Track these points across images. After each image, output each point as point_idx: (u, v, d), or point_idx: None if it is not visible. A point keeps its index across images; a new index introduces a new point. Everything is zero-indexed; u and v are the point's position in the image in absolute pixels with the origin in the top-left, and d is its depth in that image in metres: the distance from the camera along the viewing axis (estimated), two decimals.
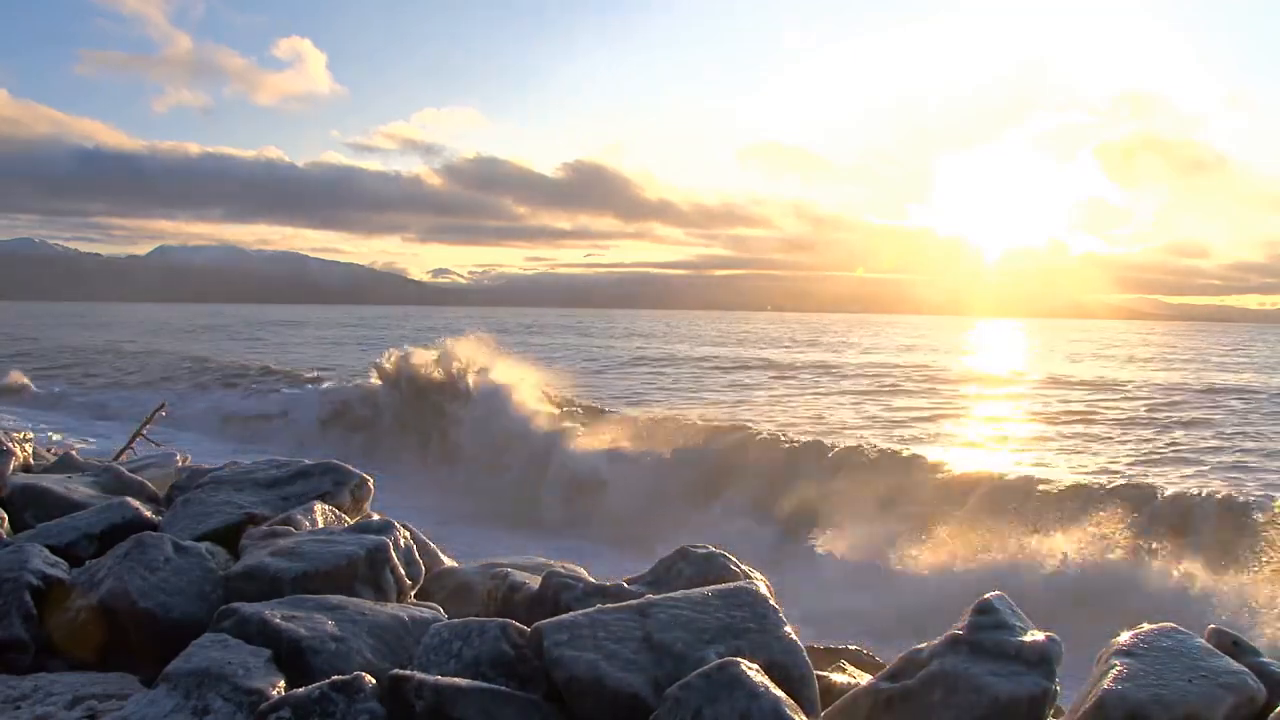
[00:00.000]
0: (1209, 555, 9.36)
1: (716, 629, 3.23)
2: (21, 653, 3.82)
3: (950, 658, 3.16)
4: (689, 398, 25.39)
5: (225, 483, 5.38)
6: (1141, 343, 50.29)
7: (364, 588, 4.09)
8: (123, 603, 3.89)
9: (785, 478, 12.76)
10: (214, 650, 3.22)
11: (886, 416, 21.89)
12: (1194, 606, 8.53)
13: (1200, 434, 18.66)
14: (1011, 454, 17.18)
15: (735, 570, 4.31)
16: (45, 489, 5.57)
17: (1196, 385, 29.05)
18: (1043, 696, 3.01)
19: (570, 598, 3.96)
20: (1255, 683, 3.05)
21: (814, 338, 66.23)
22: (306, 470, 5.48)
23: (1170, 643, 3.18)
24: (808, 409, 23.03)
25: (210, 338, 53.66)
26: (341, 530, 4.65)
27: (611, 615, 3.27)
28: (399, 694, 2.93)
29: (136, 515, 4.98)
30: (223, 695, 3.00)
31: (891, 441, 15.98)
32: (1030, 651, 3.13)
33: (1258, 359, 46.51)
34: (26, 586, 3.99)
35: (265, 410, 21.93)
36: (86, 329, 55.96)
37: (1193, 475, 14.82)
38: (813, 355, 43.69)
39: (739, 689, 2.74)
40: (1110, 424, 20.81)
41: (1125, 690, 2.93)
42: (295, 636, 3.35)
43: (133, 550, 4.13)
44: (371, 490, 5.60)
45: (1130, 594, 8.57)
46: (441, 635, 3.30)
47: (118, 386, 26.13)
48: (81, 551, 4.66)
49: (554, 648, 3.09)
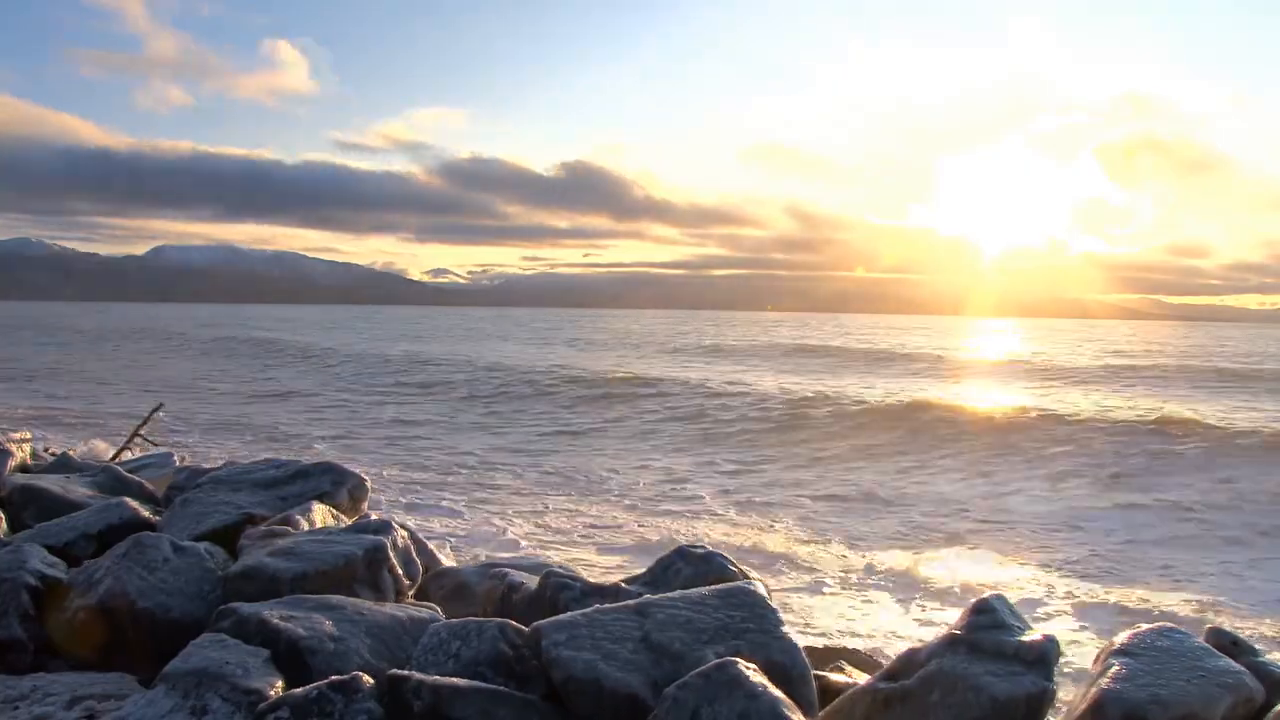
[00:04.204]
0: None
1: (715, 629, 3.23)
2: (20, 653, 3.82)
3: (948, 658, 3.16)
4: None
5: (223, 483, 5.38)
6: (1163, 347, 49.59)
7: (362, 588, 4.09)
8: (121, 603, 3.89)
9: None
10: (212, 650, 3.22)
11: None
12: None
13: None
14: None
15: (733, 570, 4.32)
16: (43, 489, 5.58)
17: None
18: (1041, 696, 3.01)
19: (568, 598, 3.96)
20: (1253, 682, 3.05)
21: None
22: (305, 470, 5.48)
23: (1168, 642, 3.18)
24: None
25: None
26: (340, 530, 4.65)
27: (610, 615, 3.26)
28: (397, 694, 2.93)
29: (135, 515, 4.98)
30: (221, 695, 3.00)
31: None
32: (1028, 651, 3.12)
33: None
34: (25, 587, 3.99)
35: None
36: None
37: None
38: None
39: (737, 689, 2.74)
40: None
41: (1123, 690, 2.93)
42: (294, 636, 3.35)
43: (131, 550, 4.12)
44: (369, 490, 5.61)
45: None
46: (440, 635, 3.30)
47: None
48: (80, 552, 4.66)
49: (552, 648, 3.08)
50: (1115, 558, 9.06)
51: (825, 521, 10.44)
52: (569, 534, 9.34)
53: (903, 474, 13.79)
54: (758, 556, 8.45)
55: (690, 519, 10.35)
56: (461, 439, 16.96)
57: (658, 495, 11.80)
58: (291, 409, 21.34)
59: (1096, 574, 8.35)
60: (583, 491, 11.90)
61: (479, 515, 10.00)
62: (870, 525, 10.31)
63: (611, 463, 14.52)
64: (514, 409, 21.36)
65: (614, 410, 20.45)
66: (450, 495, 11.06)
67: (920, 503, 11.73)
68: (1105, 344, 53.15)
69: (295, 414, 20.32)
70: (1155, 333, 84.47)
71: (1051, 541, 9.74)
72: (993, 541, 9.71)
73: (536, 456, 15.05)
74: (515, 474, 13.14)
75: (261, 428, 17.80)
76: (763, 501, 11.57)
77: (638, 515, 10.45)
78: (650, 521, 10.12)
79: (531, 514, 10.15)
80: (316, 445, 15.57)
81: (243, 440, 16.00)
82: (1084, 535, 10.05)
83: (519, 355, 38.44)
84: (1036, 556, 9.02)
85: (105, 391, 24.58)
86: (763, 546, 8.92)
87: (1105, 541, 9.75)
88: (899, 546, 9.24)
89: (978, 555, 9.06)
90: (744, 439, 16.71)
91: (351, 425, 18.59)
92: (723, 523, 10.14)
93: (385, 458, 14.37)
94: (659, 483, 12.76)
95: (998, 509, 11.45)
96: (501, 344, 49.59)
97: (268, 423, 18.58)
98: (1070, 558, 8.99)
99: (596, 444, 16.58)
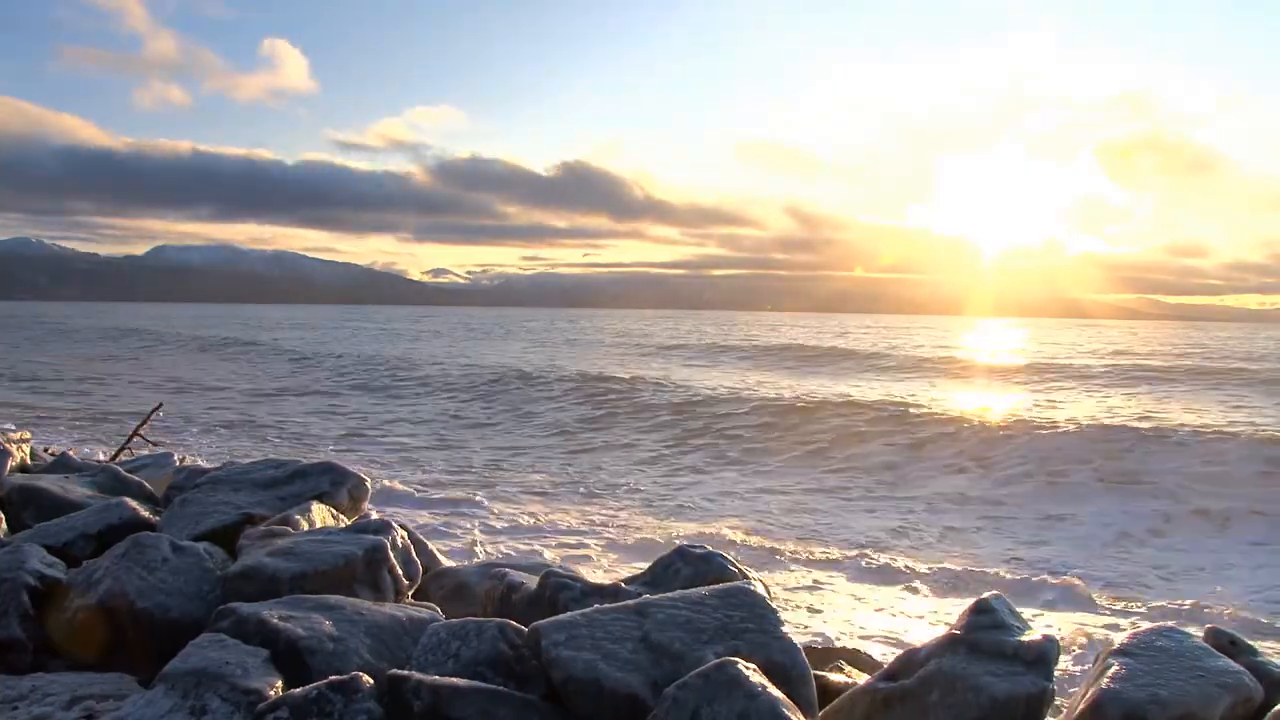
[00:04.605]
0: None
1: (714, 629, 3.23)
2: (19, 653, 3.82)
3: (948, 658, 3.16)
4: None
5: (223, 483, 5.39)
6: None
7: (362, 588, 4.09)
8: (120, 603, 3.89)
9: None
10: (212, 650, 3.22)
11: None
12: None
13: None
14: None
15: (733, 570, 4.32)
16: (43, 489, 5.58)
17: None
18: (1040, 696, 3.01)
19: (568, 598, 3.96)
20: (1252, 682, 3.05)
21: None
22: (304, 470, 5.49)
23: (1167, 642, 3.19)
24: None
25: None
26: (339, 530, 4.65)
27: (609, 615, 3.26)
28: (397, 694, 2.93)
29: (134, 515, 4.98)
30: (220, 695, 3.00)
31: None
32: (1028, 651, 3.13)
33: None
34: (24, 587, 3.99)
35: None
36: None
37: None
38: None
39: (737, 689, 2.74)
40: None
41: (1122, 690, 2.93)
42: (293, 636, 3.35)
43: (130, 550, 4.13)
44: (369, 490, 5.62)
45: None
46: (439, 635, 3.30)
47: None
48: (79, 552, 4.66)
49: (552, 648, 3.09)
50: (1115, 557, 9.07)
51: (825, 521, 10.45)
52: (569, 534, 9.33)
53: (902, 474, 13.79)
54: (757, 556, 8.46)
55: (690, 519, 10.36)
56: (461, 439, 16.96)
57: (658, 495, 11.80)
58: (292, 409, 21.34)
59: (1096, 573, 8.35)
60: (583, 491, 11.91)
61: (479, 515, 10.00)
62: (870, 524, 10.32)
63: (611, 463, 14.53)
64: (514, 409, 21.36)
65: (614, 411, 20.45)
66: (450, 495, 11.05)
67: (920, 502, 11.74)
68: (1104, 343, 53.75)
69: (295, 414, 20.31)
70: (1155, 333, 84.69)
71: (1051, 541, 9.75)
72: (993, 541, 9.72)
73: (536, 457, 15.06)
74: (515, 474, 13.14)
75: (261, 428, 17.79)
76: (762, 501, 11.57)
77: (638, 515, 10.45)
78: (650, 522, 10.12)
79: (531, 514, 10.15)
80: (316, 445, 15.57)
81: (242, 440, 16.00)
82: (1084, 535, 10.06)
83: (519, 356, 38.44)
84: (1036, 556, 9.03)
85: (105, 391, 24.57)
86: (762, 546, 8.92)
87: (1105, 541, 9.76)
88: (899, 546, 9.25)
89: (978, 555, 9.06)
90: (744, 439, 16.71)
91: (351, 425, 18.58)
92: (722, 523, 10.14)
93: (384, 457, 14.37)
94: (659, 483, 12.77)
95: (997, 509, 11.46)
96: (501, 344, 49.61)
97: (268, 423, 18.58)
98: (1070, 557, 9.00)
99: (597, 444, 16.59)
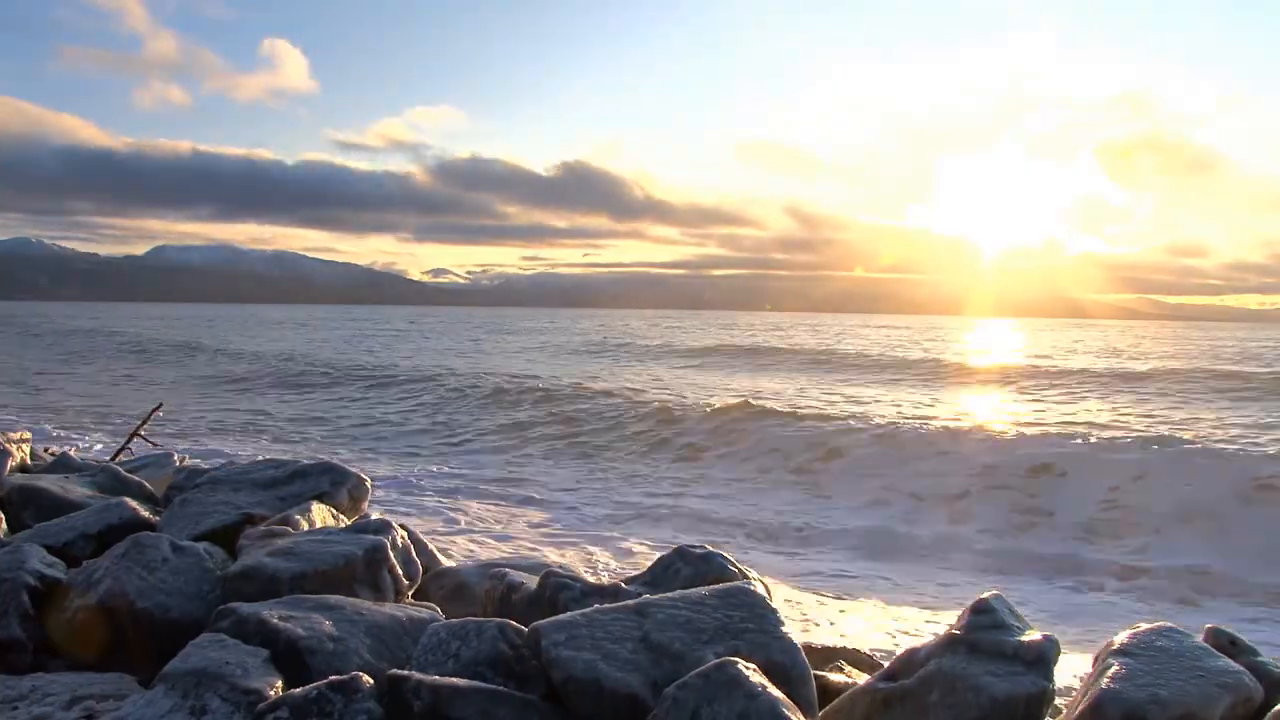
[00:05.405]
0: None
1: (714, 629, 3.23)
2: (19, 653, 3.82)
3: (948, 658, 3.16)
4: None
5: (223, 483, 5.39)
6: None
7: (362, 588, 4.09)
8: (120, 603, 3.89)
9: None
10: (212, 650, 3.22)
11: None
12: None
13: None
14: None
15: (733, 570, 4.32)
16: (42, 489, 5.58)
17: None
18: (1040, 696, 3.01)
19: (568, 598, 3.96)
20: (1252, 682, 3.05)
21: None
22: (304, 470, 5.48)
23: (1167, 642, 3.19)
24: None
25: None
26: (339, 530, 4.65)
27: (609, 615, 3.26)
28: (397, 694, 2.93)
29: (134, 515, 4.98)
30: (220, 695, 3.00)
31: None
32: (1028, 651, 3.13)
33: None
34: (24, 587, 3.99)
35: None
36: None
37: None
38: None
39: (737, 689, 2.74)
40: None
41: (1122, 689, 2.93)
42: (293, 636, 3.35)
43: (130, 550, 4.13)
44: (369, 490, 5.61)
45: None
46: (439, 635, 3.30)
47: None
48: (79, 552, 4.66)
49: (552, 648, 3.09)
50: (1114, 557, 9.07)
51: (824, 521, 10.45)
52: (568, 534, 9.33)
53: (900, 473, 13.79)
54: (756, 556, 8.46)
55: (690, 519, 10.36)
56: (461, 439, 16.97)
57: (658, 495, 11.80)
58: (292, 409, 21.34)
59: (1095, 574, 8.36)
60: (582, 492, 11.91)
61: (479, 515, 10.00)
62: (869, 524, 10.32)
63: (611, 464, 14.53)
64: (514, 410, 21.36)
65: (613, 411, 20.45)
66: (450, 495, 11.05)
67: (919, 502, 11.73)
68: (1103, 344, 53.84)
69: (295, 414, 20.32)
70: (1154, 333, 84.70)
71: (1051, 541, 9.75)
72: (993, 541, 9.72)
73: (536, 457, 15.05)
74: (515, 474, 13.14)
75: (261, 428, 17.80)
76: (761, 501, 11.57)
77: (637, 516, 10.45)
78: (649, 522, 10.12)
79: (531, 514, 10.15)
80: (316, 445, 15.57)
81: (242, 440, 15.99)
82: (1084, 534, 10.06)
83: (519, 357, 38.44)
84: (1037, 554, 9.03)
85: (104, 391, 24.57)
86: (761, 546, 8.92)
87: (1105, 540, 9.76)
88: (899, 545, 9.26)
89: (978, 554, 9.06)
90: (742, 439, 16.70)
91: (351, 425, 18.59)
92: (722, 522, 10.14)
93: (385, 457, 14.37)
94: (659, 483, 12.77)
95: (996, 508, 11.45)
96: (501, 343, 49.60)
97: (268, 423, 18.58)
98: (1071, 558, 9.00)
99: (596, 444, 16.58)
